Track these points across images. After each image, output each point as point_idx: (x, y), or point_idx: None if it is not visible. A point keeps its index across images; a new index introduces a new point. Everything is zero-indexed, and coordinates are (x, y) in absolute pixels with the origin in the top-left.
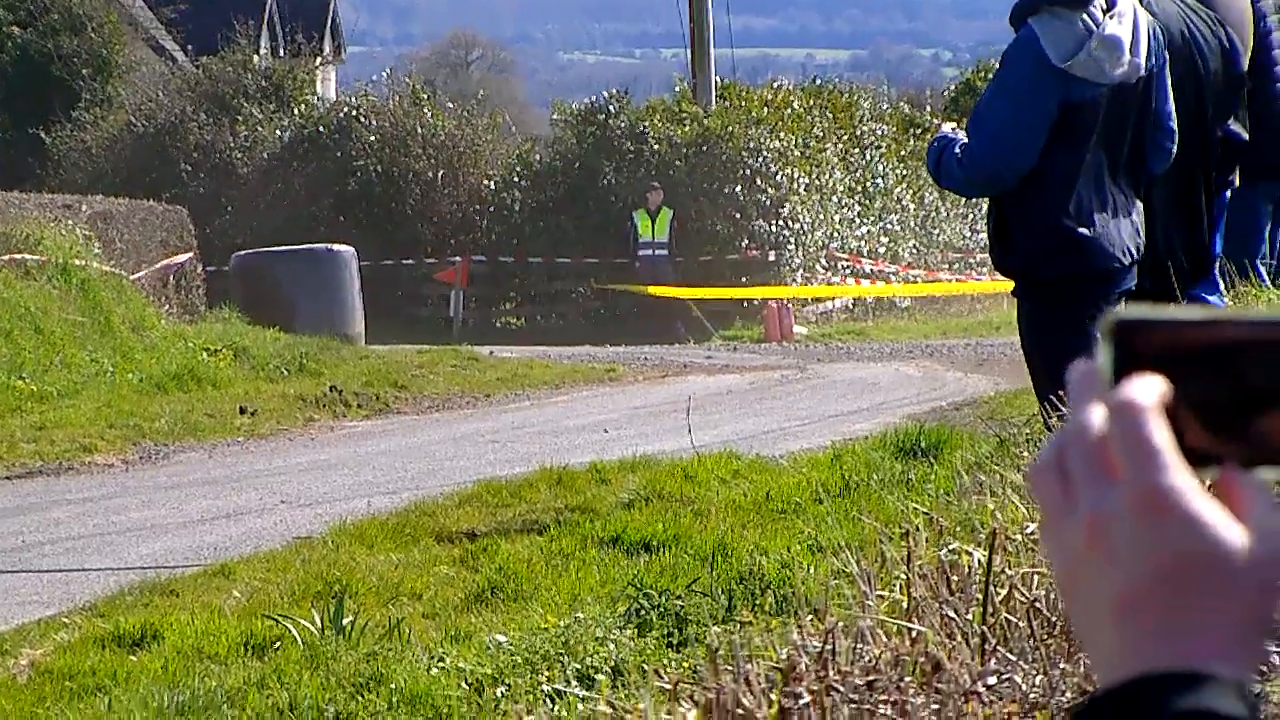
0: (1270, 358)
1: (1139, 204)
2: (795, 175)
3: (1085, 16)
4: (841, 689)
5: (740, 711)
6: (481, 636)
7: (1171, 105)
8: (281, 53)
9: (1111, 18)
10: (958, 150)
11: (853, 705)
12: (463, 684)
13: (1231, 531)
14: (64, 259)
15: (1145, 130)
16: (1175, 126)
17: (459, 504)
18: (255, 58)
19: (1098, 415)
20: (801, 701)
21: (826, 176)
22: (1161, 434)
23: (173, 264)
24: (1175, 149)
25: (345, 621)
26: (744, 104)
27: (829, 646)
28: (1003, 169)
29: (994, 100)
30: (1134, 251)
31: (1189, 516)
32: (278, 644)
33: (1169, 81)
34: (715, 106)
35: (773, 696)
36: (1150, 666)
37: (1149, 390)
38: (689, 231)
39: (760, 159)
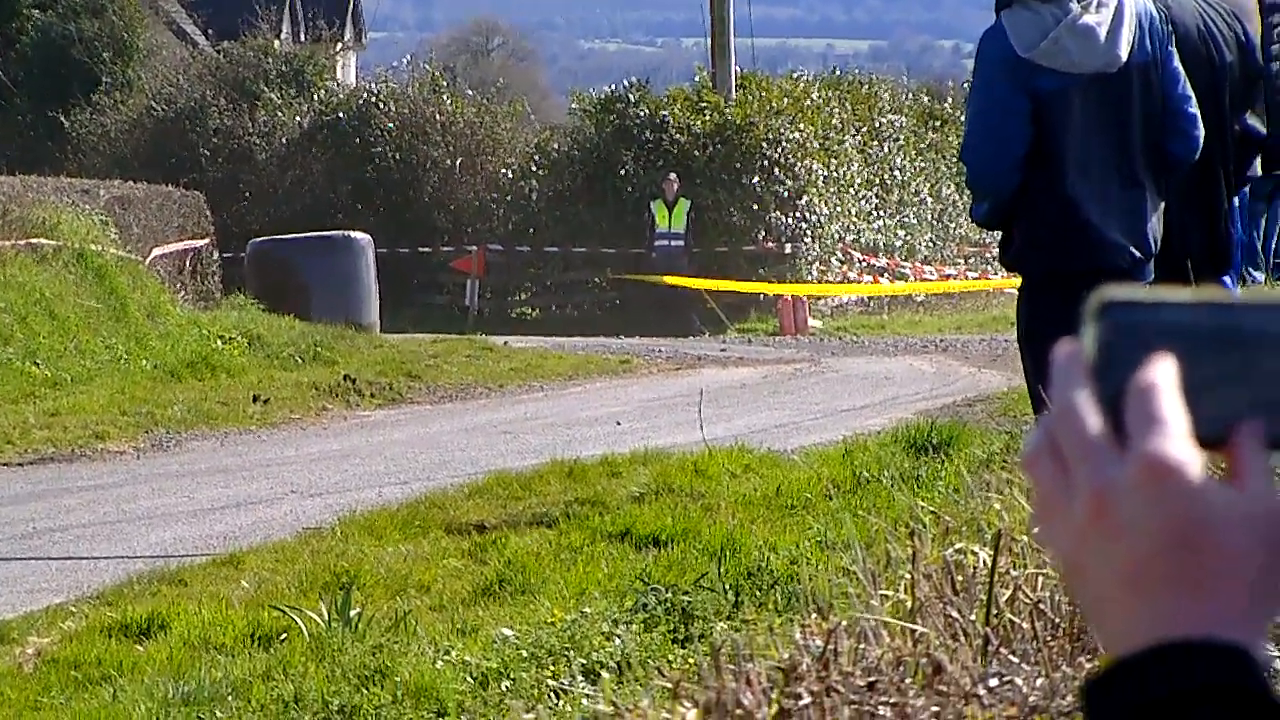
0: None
1: (1156, 199)
2: (813, 167)
3: (1054, 7)
4: (842, 690)
5: (740, 711)
6: (488, 630)
7: (1188, 90)
8: (302, 38)
9: (1087, 8)
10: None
11: (853, 706)
12: (468, 678)
13: (1231, 495)
14: (80, 244)
15: (1157, 120)
16: (1196, 111)
17: (469, 495)
18: (276, 43)
19: (1085, 393)
20: (802, 702)
21: (844, 169)
22: (1175, 409)
23: (189, 248)
24: (1201, 135)
25: (352, 613)
26: (764, 94)
27: (831, 647)
28: (995, 161)
29: (972, 95)
30: (1142, 248)
31: (1192, 484)
32: (284, 635)
33: (1178, 67)
34: (735, 96)
35: (773, 696)
36: (1164, 634)
37: (1169, 370)
38: (705, 222)
39: (779, 150)
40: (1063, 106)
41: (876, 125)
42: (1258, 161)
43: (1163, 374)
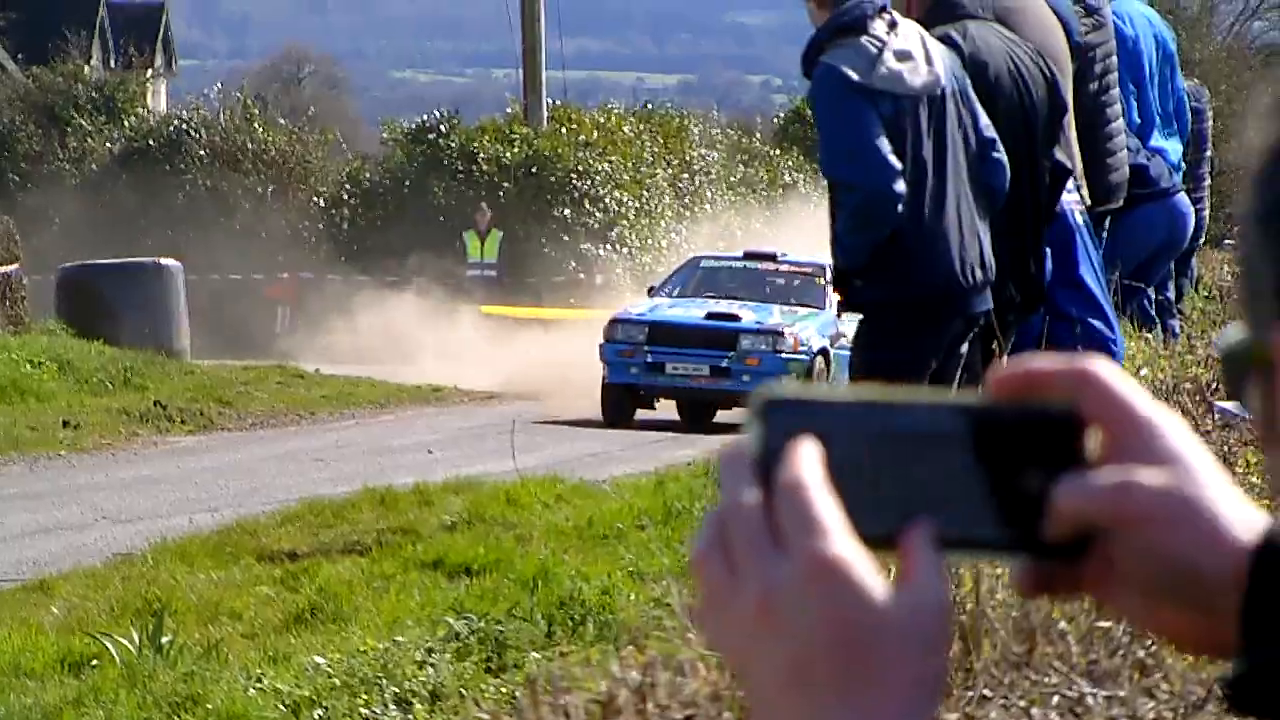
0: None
1: (984, 222)
2: (624, 199)
3: (869, 38)
4: None
5: None
6: (300, 658)
7: (985, 119)
8: (113, 64)
9: (896, 36)
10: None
11: None
12: (280, 705)
13: (894, 593)
14: None
15: (973, 146)
16: (995, 136)
17: (281, 523)
18: (86, 69)
19: (752, 492)
20: None
21: (656, 201)
22: (828, 504)
23: None
24: (1005, 160)
25: (164, 640)
26: (575, 126)
27: (648, 680)
28: (889, 178)
29: (828, 144)
30: (982, 268)
31: (853, 582)
32: (96, 662)
33: (974, 97)
34: (547, 128)
35: None
36: None
37: (813, 462)
38: (517, 253)
39: (590, 182)
40: (899, 130)
41: (687, 159)
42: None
43: (808, 469)
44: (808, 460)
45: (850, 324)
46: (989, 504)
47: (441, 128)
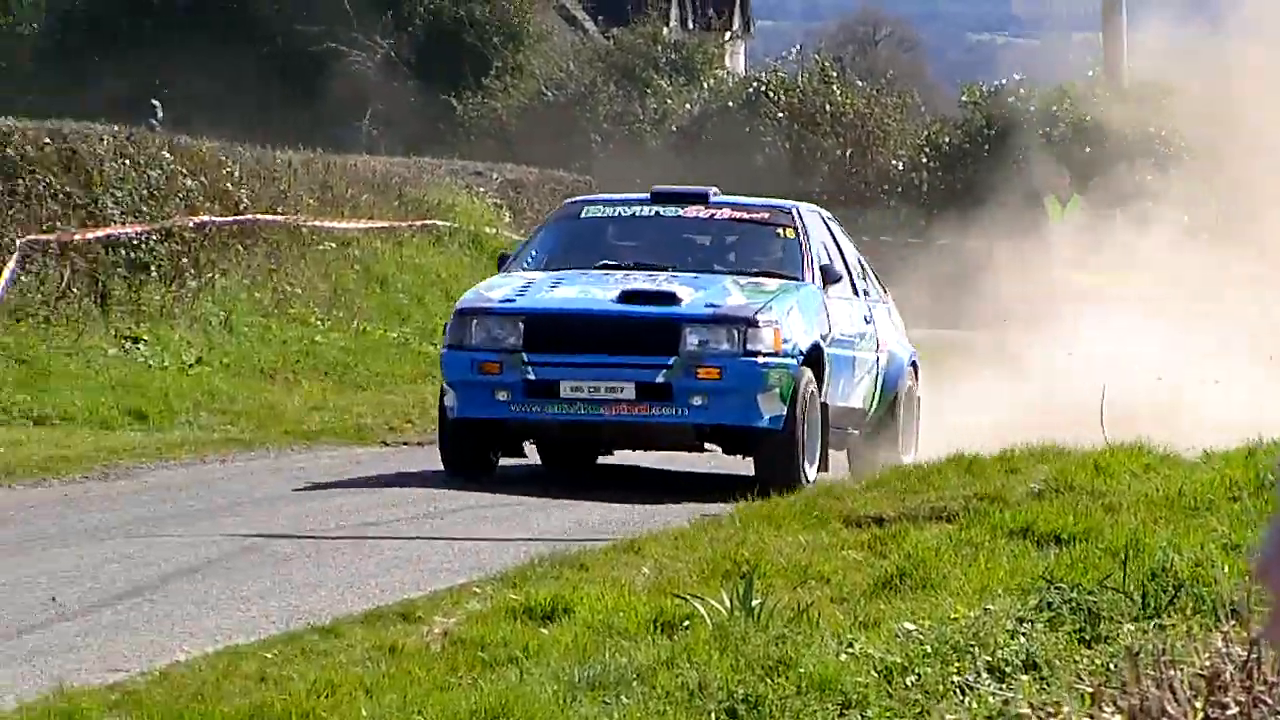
0: None
1: None
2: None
3: None
4: (1269, 701)
5: None
6: (890, 624)
7: None
8: (690, 26)
9: None
10: None
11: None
12: (872, 671)
13: None
14: (474, 226)
15: None
16: None
17: (867, 488)
18: (665, 30)
19: None
20: (1229, 712)
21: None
22: None
23: None
24: None
25: (754, 603)
26: (1161, 92)
27: (1254, 656)
28: None
29: None
30: None
31: None
32: (686, 623)
33: None
34: (1129, 90)
35: (1197, 705)
36: None
37: None
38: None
39: (1170, 147)
40: None
41: None
42: None
43: None
44: None
45: (840, 305)
46: None
47: (1020, 90)
